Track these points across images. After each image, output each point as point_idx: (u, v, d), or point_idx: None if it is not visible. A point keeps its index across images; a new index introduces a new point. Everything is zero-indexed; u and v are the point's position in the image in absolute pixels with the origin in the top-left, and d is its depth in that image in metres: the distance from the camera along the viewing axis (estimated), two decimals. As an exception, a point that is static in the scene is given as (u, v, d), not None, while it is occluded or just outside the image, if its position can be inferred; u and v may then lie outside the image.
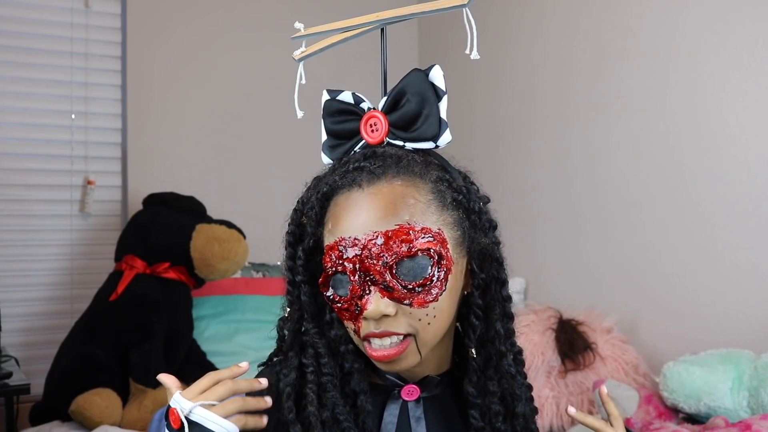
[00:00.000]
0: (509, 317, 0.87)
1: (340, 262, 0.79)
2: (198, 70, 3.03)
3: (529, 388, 0.90)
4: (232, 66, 3.07)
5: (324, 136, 0.89)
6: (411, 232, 0.78)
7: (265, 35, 3.09)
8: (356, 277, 0.78)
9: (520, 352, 0.90)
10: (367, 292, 0.78)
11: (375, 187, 0.80)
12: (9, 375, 2.14)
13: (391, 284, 0.78)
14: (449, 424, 0.87)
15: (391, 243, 0.77)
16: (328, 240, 0.81)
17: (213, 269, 2.44)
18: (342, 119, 0.87)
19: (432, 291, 0.78)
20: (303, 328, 0.86)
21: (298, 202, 0.88)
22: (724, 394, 1.72)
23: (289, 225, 0.88)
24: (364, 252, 0.78)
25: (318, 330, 0.85)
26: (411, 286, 0.78)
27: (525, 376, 0.90)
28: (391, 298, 0.78)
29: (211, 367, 2.44)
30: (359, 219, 0.79)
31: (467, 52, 0.85)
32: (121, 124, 2.90)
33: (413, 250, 0.77)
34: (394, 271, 0.78)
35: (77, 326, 2.34)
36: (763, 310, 1.99)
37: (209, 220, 2.53)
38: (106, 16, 2.89)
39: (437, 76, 0.84)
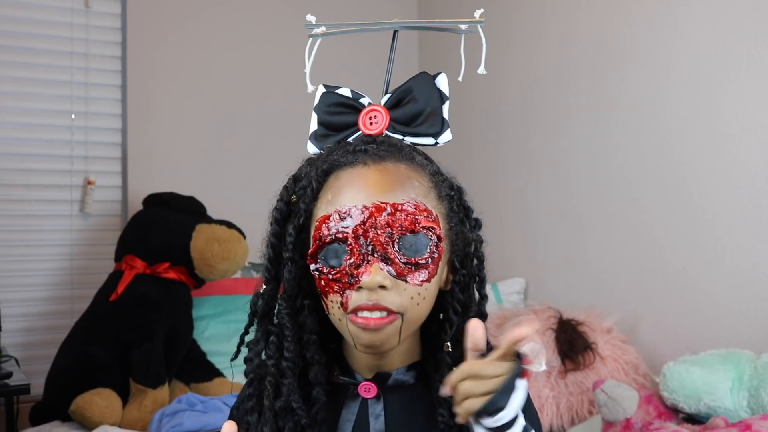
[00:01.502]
0: (484, 317, 0.87)
1: (342, 229, 0.79)
2: (198, 70, 3.03)
3: None
4: (232, 66, 3.07)
5: (314, 126, 0.89)
6: (417, 208, 0.79)
7: (265, 35, 3.09)
8: (357, 245, 0.78)
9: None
10: (366, 261, 0.78)
11: (381, 165, 0.81)
12: (9, 375, 2.14)
13: (391, 256, 0.78)
14: (413, 419, 0.86)
15: (398, 215, 0.78)
16: (326, 210, 0.81)
17: (213, 269, 2.44)
18: (338, 110, 0.88)
19: (427, 270, 0.80)
20: (275, 308, 0.86)
21: (289, 179, 0.88)
22: (724, 394, 1.72)
23: (277, 202, 0.87)
24: (369, 221, 0.78)
25: (289, 312, 0.84)
26: (411, 261, 0.78)
27: None
28: (389, 272, 0.78)
29: (211, 367, 2.44)
30: (365, 191, 0.80)
31: (478, 71, 0.90)
32: (121, 124, 2.90)
33: (418, 226, 0.79)
34: (396, 245, 0.78)
35: (77, 326, 2.33)
36: (763, 310, 1.99)
37: (209, 220, 2.53)
38: (106, 16, 2.89)
39: (443, 83, 0.88)
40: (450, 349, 0.84)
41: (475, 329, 0.74)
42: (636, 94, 2.37)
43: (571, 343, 2.16)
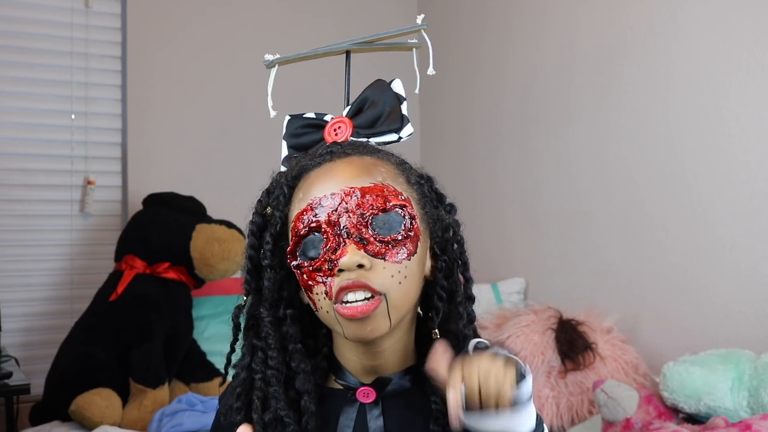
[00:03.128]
0: (471, 300, 0.89)
1: (315, 218, 0.80)
2: (198, 70, 3.03)
3: None
4: (232, 66, 3.07)
5: (285, 152, 0.94)
6: (385, 189, 0.81)
7: (265, 35, 3.09)
8: (332, 230, 0.80)
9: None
10: (343, 244, 0.79)
11: (347, 158, 0.84)
12: (9, 375, 2.14)
13: (366, 236, 0.79)
14: (411, 423, 0.86)
15: (367, 196, 0.80)
16: (299, 208, 0.82)
17: (213, 269, 2.44)
18: (305, 131, 0.92)
19: (405, 247, 0.80)
20: (258, 316, 0.86)
21: (262, 193, 0.90)
22: (724, 394, 1.72)
23: (253, 215, 0.89)
24: (340, 206, 0.80)
25: (272, 320, 0.85)
26: (386, 240, 0.79)
27: None
28: (366, 252, 0.79)
29: (211, 367, 2.44)
30: (334, 180, 0.81)
31: (428, 72, 0.97)
32: (121, 124, 2.90)
33: (389, 204, 0.80)
34: (369, 226, 0.80)
35: (77, 326, 2.33)
36: (763, 310, 1.99)
37: (209, 220, 2.53)
38: (106, 16, 2.89)
39: (398, 86, 0.91)
40: (438, 337, 0.85)
41: (435, 351, 0.76)
42: (637, 94, 2.37)
43: (571, 343, 2.16)
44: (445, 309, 0.86)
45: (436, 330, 0.85)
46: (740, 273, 2.05)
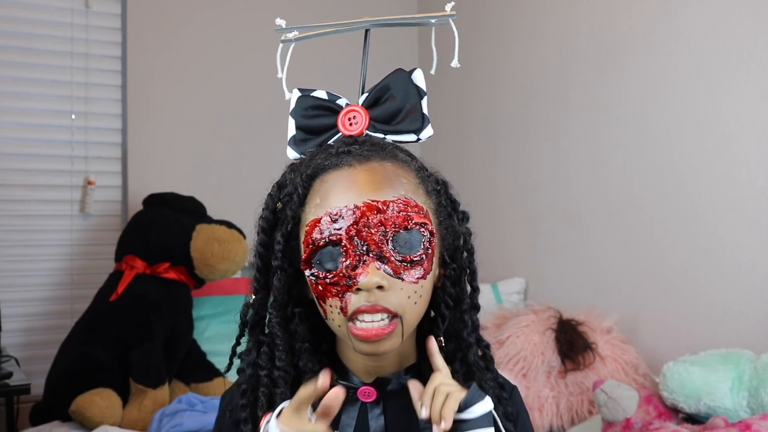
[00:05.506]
0: (477, 308, 0.88)
1: (334, 231, 0.77)
2: (198, 71, 3.03)
3: (501, 386, 0.89)
4: (232, 66, 3.07)
5: (292, 131, 0.89)
6: (408, 206, 0.79)
7: (265, 36, 3.07)
8: (352, 246, 0.77)
9: (488, 346, 0.90)
10: (362, 262, 0.77)
11: (367, 165, 0.80)
12: (9, 375, 2.14)
13: (386, 254, 0.77)
14: (412, 422, 0.85)
15: (390, 213, 0.77)
16: (316, 214, 0.79)
17: (213, 269, 2.44)
18: (316, 114, 0.87)
19: (422, 267, 0.79)
20: (266, 317, 0.86)
21: (273, 187, 0.87)
22: (723, 394, 1.72)
23: (263, 210, 0.87)
24: (362, 221, 0.77)
25: (280, 320, 0.84)
26: (406, 259, 0.78)
27: (495, 373, 0.90)
28: (386, 271, 0.77)
29: (211, 368, 2.44)
30: (354, 190, 0.78)
31: (452, 64, 0.90)
32: (121, 124, 2.90)
33: (411, 222, 0.78)
34: (390, 243, 0.78)
35: (77, 326, 2.33)
36: (763, 310, 1.99)
37: (209, 220, 2.53)
38: (106, 16, 2.89)
39: (419, 78, 0.86)
40: (444, 344, 0.85)
41: (431, 352, 0.81)
42: (636, 93, 2.37)
43: (571, 343, 2.16)
44: (450, 316, 0.85)
45: (441, 338, 0.85)
46: (740, 273, 2.05)
